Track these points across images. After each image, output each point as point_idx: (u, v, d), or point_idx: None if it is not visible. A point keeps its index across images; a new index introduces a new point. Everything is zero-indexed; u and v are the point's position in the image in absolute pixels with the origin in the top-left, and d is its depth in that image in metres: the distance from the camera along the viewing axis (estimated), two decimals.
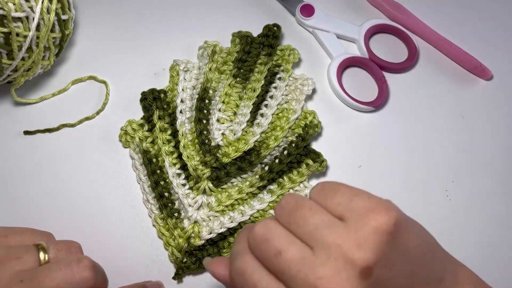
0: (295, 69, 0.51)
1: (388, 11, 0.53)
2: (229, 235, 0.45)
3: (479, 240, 0.47)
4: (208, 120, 0.47)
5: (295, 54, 0.49)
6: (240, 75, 0.48)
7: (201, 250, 0.44)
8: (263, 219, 0.31)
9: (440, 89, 0.51)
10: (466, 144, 0.50)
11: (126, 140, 0.47)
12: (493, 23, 0.54)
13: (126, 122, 0.47)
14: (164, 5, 0.53)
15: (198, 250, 0.44)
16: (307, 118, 0.47)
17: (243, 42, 0.49)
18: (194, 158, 0.45)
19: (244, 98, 0.48)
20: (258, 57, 0.49)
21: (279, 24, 0.50)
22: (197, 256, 0.44)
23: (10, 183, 0.47)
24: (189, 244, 0.44)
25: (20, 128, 0.48)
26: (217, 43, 0.49)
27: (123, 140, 0.47)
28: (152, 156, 0.46)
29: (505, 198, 0.48)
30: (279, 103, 0.48)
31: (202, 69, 0.49)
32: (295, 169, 0.46)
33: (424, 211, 0.47)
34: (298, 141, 0.46)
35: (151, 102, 0.47)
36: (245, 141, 0.46)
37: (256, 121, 0.47)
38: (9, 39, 0.42)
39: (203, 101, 0.47)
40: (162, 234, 0.45)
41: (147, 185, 0.46)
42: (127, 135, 0.47)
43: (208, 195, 0.45)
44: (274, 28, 0.50)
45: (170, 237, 0.44)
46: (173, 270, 0.44)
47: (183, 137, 0.46)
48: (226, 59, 0.49)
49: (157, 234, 0.45)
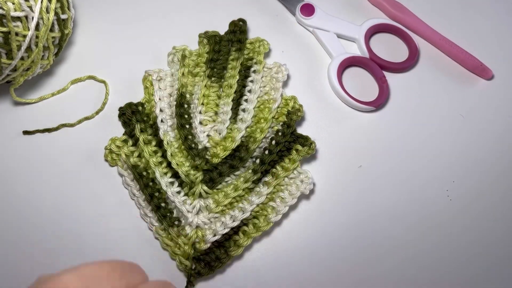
0: (295, 69, 0.51)
1: (388, 10, 0.53)
2: (233, 234, 0.45)
3: (479, 240, 0.47)
4: (191, 124, 0.47)
5: (265, 44, 0.50)
6: (214, 74, 0.48)
7: (208, 254, 0.44)
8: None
9: (440, 89, 0.51)
10: (466, 144, 0.49)
11: (112, 158, 0.47)
12: (494, 23, 0.54)
13: (109, 140, 0.47)
14: (164, 6, 0.53)
15: (205, 254, 0.44)
16: (289, 105, 0.47)
17: (212, 42, 0.49)
18: (184, 164, 0.45)
19: (223, 96, 0.48)
20: (229, 54, 0.49)
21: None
22: (206, 261, 0.44)
23: (10, 183, 0.47)
24: (195, 250, 0.43)
25: (19, 128, 0.48)
26: (185, 47, 0.49)
27: (109, 159, 0.47)
28: (141, 170, 0.46)
29: (505, 198, 0.48)
30: (259, 96, 0.48)
31: (175, 75, 0.49)
32: (286, 157, 0.46)
33: (424, 211, 0.47)
34: (284, 129, 0.46)
35: (130, 117, 0.47)
36: (232, 139, 0.46)
37: (239, 117, 0.47)
38: (8, 38, 0.42)
39: (182, 107, 0.47)
40: (167, 245, 0.44)
41: (142, 200, 0.46)
42: (112, 153, 0.47)
43: (205, 198, 0.45)
44: (240, 23, 0.50)
45: (175, 246, 0.44)
46: (185, 279, 0.44)
47: (169, 146, 0.46)
48: (197, 61, 0.49)
49: (161, 246, 0.45)
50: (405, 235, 0.46)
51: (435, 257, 0.46)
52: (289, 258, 0.45)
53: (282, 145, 0.46)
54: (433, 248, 0.46)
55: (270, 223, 0.45)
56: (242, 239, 0.44)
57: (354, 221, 0.47)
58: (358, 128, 0.50)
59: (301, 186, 0.45)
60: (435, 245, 0.46)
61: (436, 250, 0.46)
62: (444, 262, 0.46)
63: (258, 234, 0.44)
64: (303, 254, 0.46)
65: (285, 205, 0.45)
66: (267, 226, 0.44)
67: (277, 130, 0.47)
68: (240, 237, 0.44)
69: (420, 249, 0.46)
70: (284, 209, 0.45)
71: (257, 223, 0.44)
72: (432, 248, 0.46)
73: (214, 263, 0.43)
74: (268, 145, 0.46)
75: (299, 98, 0.48)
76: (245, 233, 0.44)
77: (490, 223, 0.47)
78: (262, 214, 0.45)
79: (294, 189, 0.45)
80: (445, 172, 0.48)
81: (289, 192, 0.45)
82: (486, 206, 0.48)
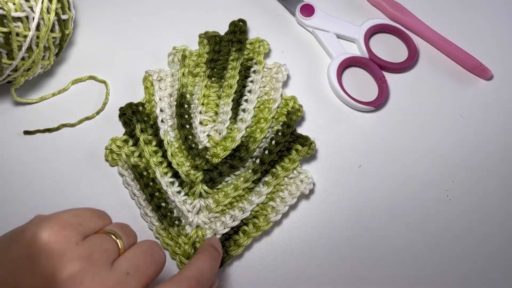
0: (295, 69, 0.51)
1: (388, 11, 0.53)
2: (233, 233, 0.45)
3: (479, 240, 0.47)
4: (191, 124, 0.47)
5: (264, 45, 0.50)
6: (214, 74, 0.48)
7: None
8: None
9: (440, 89, 0.51)
10: (466, 144, 0.50)
11: (113, 158, 0.47)
12: (493, 23, 0.54)
13: (110, 140, 0.47)
14: (164, 6, 0.53)
15: None
16: (289, 105, 0.48)
17: (212, 42, 0.49)
18: (184, 164, 0.45)
19: (223, 96, 0.48)
20: (229, 54, 0.49)
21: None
22: None
23: (10, 182, 0.47)
24: (196, 249, 0.44)
25: (20, 128, 0.48)
26: (185, 47, 0.49)
27: (109, 159, 0.47)
28: (142, 170, 0.46)
29: (505, 198, 0.48)
30: (259, 96, 0.48)
31: (175, 75, 0.49)
32: (286, 157, 0.46)
33: (424, 211, 0.47)
34: (284, 129, 0.46)
35: (130, 117, 0.47)
36: (232, 139, 0.46)
37: (239, 117, 0.47)
38: (9, 39, 0.42)
39: (182, 107, 0.47)
40: (167, 244, 0.45)
41: (142, 199, 0.46)
42: (113, 153, 0.47)
43: (205, 198, 0.45)
44: (240, 23, 0.50)
45: (176, 246, 0.44)
46: None
47: (169, 146, 0.46)
48: (197, 61, 0.49)
49: (161, 245, 0.45)
50: (405, 235, 0.46)
51: (435, 257, 0.46)
52: (289, 258, 0.46)
53: (282, 145, 0.46)
54: (433, 248, 0.46)
55: (270, 223, 0.45)
56: (242, 239, 0.44)
57: (354, 221, 0.47)
58: (358, 128, 0.50)
59: (301, 186, 0.45)
60: (434, 244, 0.46)
61: (435, 250, 0.46)
62: (443, 262, 0.46)
63: (258, 233, 0.44)
64: (303, 254, 0.46)
65: (285, 205, 0.45)
66: (267, 225, 0.45)
67: (277, 130, 0.47)
68: (240, 237, 0.44)
69: (420, 249, 0.46)
70: (284, 209, 0.45)
71: (257, 223, 0.45)
72: (431, 248, 0.46)
73: None
74: (268, 145, 0.46)
75: (298, 98, 0.48)
76: (245, 232, 0.45)
77: (489, 223, 0.47)
78: (262, 213, 0.45)
79: (294, 189, 0.45)
80: (444, 172, 0.49)
81: (289, 192, 0.45)
82: (485, 206, 0.48)
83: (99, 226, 0.32)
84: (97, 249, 0.30)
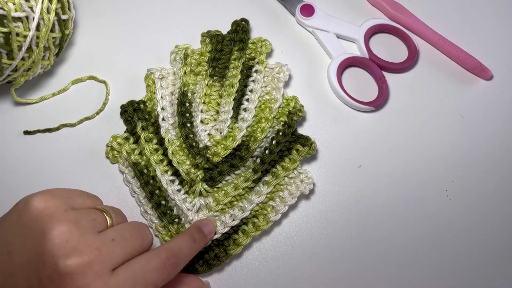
0: (295, 69, 0.51)
1: (388, 11, 0.53)
2: (233, 233, 0.45)
3: (479, 240, 0.47)
4: (192, 123, 0.47)
5: (267, 44, 0.50)
6: (216, 73, 0.48)
7: (207, 252, 0.44)
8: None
9: (440, 89, 0.51)
10: (466, 144, 0.50)
11: (114, 155, 0.47)
12: (493, 23, 0.54)
13: (111, 138, 0.47)
14: (165, 6, 0.53)
15: (204, 253, 0.44)
16: (290, 105, 0.48)
17: (214, 41, 0.49)
18: (185, 162, 0.45)
19: (224, 96, 0.48)
20: (231, 53, 0.49)
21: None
22: (205, 259, 0.44)
23: (10, 183, 0.47)
24: None
25: (20, 128, 0.48)
26: (188, 46, 0.49)
27: (110, 156, 0.47)
28: (142, 168, 0.46)
29: (505, 198, 0.48)
30: (260, 95, 0.48)
31: (177, 74, 0.49)
32: (286, 156, 0.46)
33: (424, 211, 0.47)
34: (285, 129, 0.46)
35: (132, 114, 0.47)
36: (233, 138, 0.46)
37: (240, 116, 0.47)
38: (9, 39, 0.42)
39: (184, 105, 0.47)
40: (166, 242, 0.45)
41: (142, 197, 0.46)
42: (114, 150, 0.47)
43: (205, 197, 0.45)
44: (243, 23, 0.50)
45: None
46: None
47: (170, 144, 0.46)
48: (199, 60, 0.49)
49: (160, 243, 0.45)
50: (405, 234, 0.46)
51: (435, 257, 0.46)
52: (288, 258, 0.46)
53: (282, 145, 0.46)
54: (433, 248, 0.46)
55: (269, 223, 0.45)
56: (242, 238, 0.44)
57: (354, 221, 0.47)
58: (358, 128, 0.50)
59: (301, 186, 0.45)
60: (434, 244, 0.46)
61: (435, 250, 0.46)
62: (443, 262, 0.46)
63: (258, 233, 0.44)
64: (303, 254, 0.46)
65: (284, 205, 0.45)
66: (267, 225, 0.45)
67: (278, 130, 0.47)
68: (240, 236, 0.44)
69: (420, 249, 0.46)
70: (283, 209, 0.45)
71: (256, 222, 0.45)
72: (431, 248, 0.46)
73: (213, 261, 0.44)
74: (268, 145, 0.46)
75: (298, 98, 0.48)
76: (244, 232, 0.45)
77: (489, 223, 0.47)
78: (261, 213, 0.45)
79: (294, 189, 0.45)
80: (444, 172, 0.49)
81: (289, 192, 0.45)
82: (485, 206, 0.48)
83: (89, 204, 0.35)
84: (84, 217, 0.33)
